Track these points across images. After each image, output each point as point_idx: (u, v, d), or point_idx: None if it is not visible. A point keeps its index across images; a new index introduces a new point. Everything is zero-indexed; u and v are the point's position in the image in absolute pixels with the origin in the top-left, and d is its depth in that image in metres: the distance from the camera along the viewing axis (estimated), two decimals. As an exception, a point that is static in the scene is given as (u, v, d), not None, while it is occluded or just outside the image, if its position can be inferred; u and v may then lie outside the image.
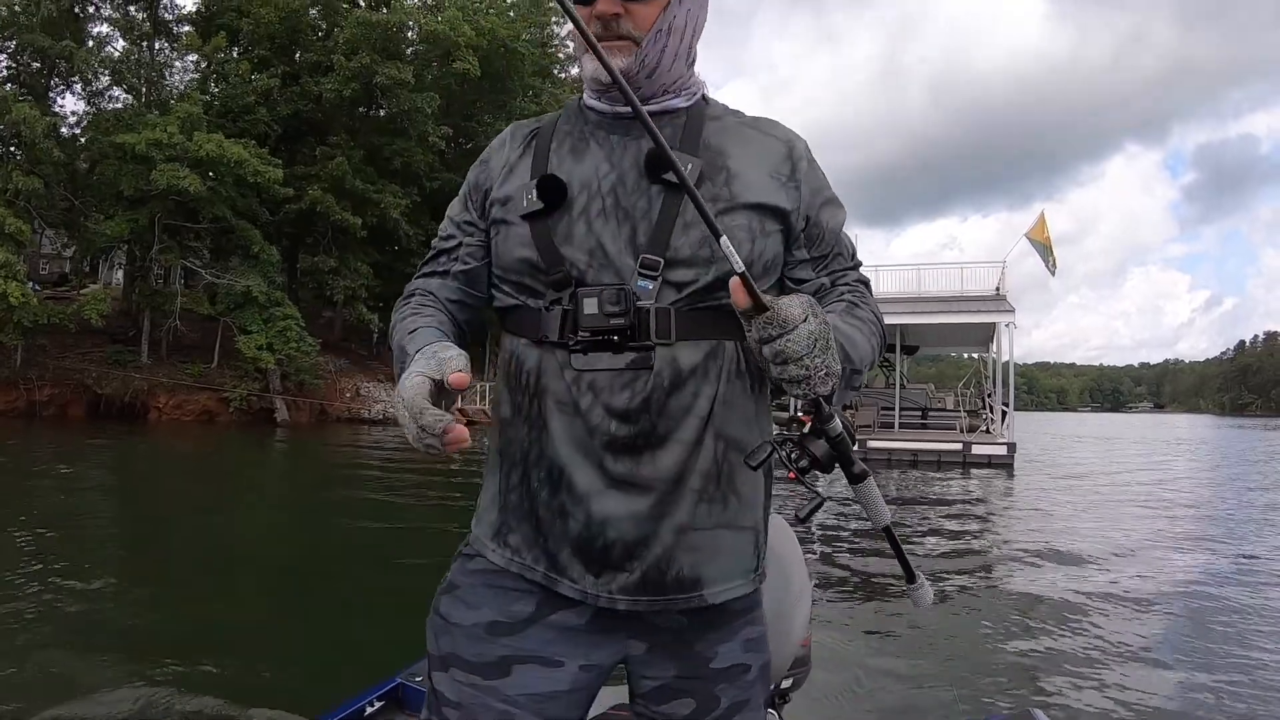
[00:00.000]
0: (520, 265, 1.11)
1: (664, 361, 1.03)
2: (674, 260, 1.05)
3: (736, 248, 0.94)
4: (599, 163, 1.11)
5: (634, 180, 1.09)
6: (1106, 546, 8.85)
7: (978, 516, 11.44)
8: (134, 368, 27.17)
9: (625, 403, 1.03)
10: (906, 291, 25.39)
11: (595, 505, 1.03)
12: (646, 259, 1.04)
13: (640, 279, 1.04)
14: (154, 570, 6.92)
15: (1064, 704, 4.13)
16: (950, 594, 6.59)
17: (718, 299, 1.05)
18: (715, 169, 1.10)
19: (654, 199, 1.07)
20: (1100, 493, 14.99)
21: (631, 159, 1.10)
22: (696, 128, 1.14)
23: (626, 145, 1.12)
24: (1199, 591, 6.78)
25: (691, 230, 1.05)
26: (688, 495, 1.05)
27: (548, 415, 1.07)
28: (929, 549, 8.73)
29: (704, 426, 1.05)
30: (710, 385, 1.06)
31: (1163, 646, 5.20)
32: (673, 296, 1.05)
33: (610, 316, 1.02)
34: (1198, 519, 11.38)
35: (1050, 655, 4.93)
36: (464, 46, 31.60)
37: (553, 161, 1.14)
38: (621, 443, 1.03)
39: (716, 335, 1.07)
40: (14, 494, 10.44)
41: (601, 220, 1.07)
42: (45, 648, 4.47)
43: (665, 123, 1.14)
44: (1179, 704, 4.19)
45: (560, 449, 1.06)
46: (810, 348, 0.86)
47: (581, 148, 1.14)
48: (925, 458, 20.22)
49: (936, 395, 28.63)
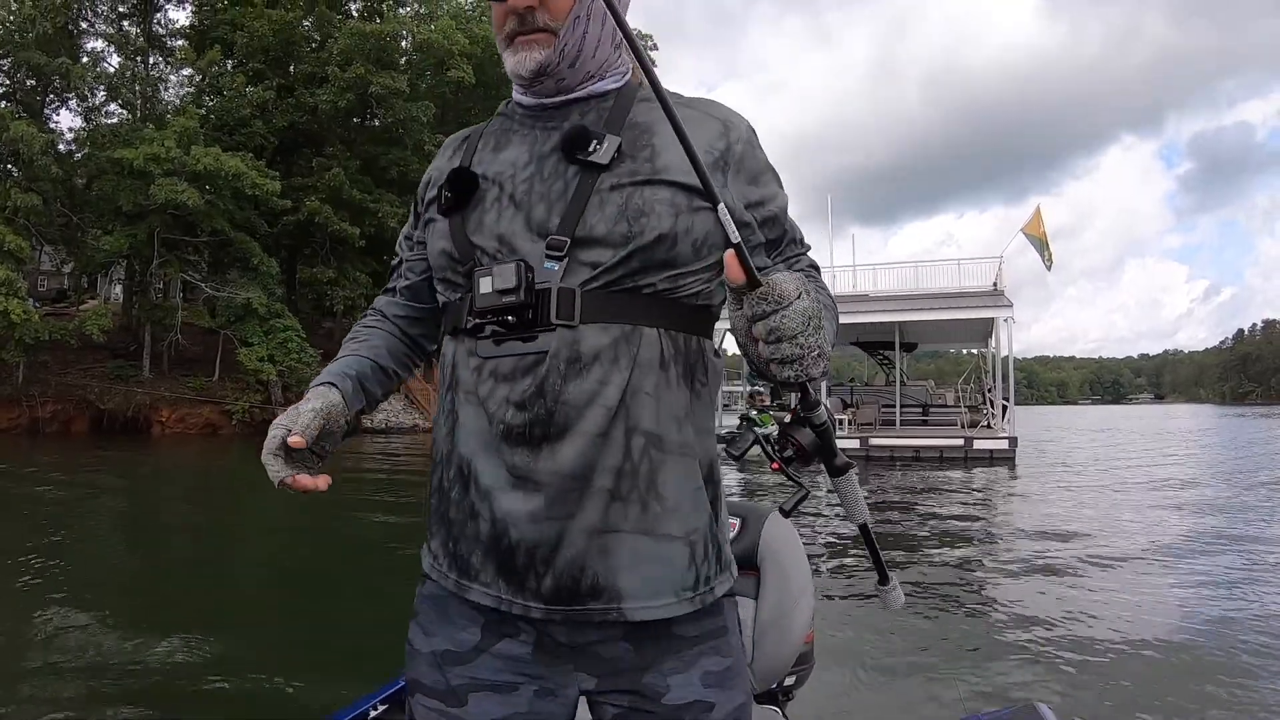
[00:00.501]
0: (441, 259, 1.09)
1: (562, 344, 0.97)
2: (585, 239, 0.99)
3: (656, 222, 0.97)
4: (519, 153, 1.08)
5: (552, 165, 1.04)
6: (1110, 539, 8.86)
7: (980, 511, 11.47)
8: (136, 382, 27.24)
9: (522, 391, 0.97)
10: (905, 289, 25.53)
11: (499, 503, 0.97)
12: (554, 239, 0.99)
13: (547, 260, 0.99)
14: (159, 579, 6.97)
15: (1068, 698, 4.13)
16: (953, 589, 6.61)
17: (636, 282, 0.99)
18: (638, 146, 1.04)
19: (570, 181, 1.02)
20: (1103, 485, 14.98)
21: (552, 145, 1.06)
22: (624, 107, 1.09)
23: (549, 134, 1.08)
24: (1204, 583, 6.77)
25: (608, 206, 0.99)
26: (596, 494, 0.96)
27: (459, 408, 1.03)
28: (932, 544, 8.75)
29: (611, 418, 0.96)
30: (620, 373, 0.97)
31: (1168, 639, 5.20)
32: (583, 276, 0.99)
33: (503, 294, 0.97)
34: (1202, 510, 11.34)
35: (1054, 650, 4.95)
36: (458, 55, 31.70)
37: (476, 160, 1.12)
38: (517, 433, 0.96)
39: (631, 320, 0.99)
40: (19, 509, 10.49)
41: (513, 208, 1.04)
42: (51, 658, 4.52)
43: (592, 107, 1.10)
44: (1184, 697, 4.18)
45: (468, 443, 1.01)
46: (804, 325, 0.83)
47: (504, 141, 1.12)
48: (927, 454, 20.25)
49: (937, 391, 28.71)
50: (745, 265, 0.82)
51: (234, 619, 5.58)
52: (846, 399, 25.42)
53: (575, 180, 1.02)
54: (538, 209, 1.02)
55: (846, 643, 4.97)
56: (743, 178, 1.08)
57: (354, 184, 31.15)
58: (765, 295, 0.83)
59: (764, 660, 1.74)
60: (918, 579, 6.88)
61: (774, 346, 0.83)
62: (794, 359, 0.84)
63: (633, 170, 1.01)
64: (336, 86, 30.30)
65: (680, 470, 1.00)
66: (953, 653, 4.92)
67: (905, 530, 9.62)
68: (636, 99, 1.10)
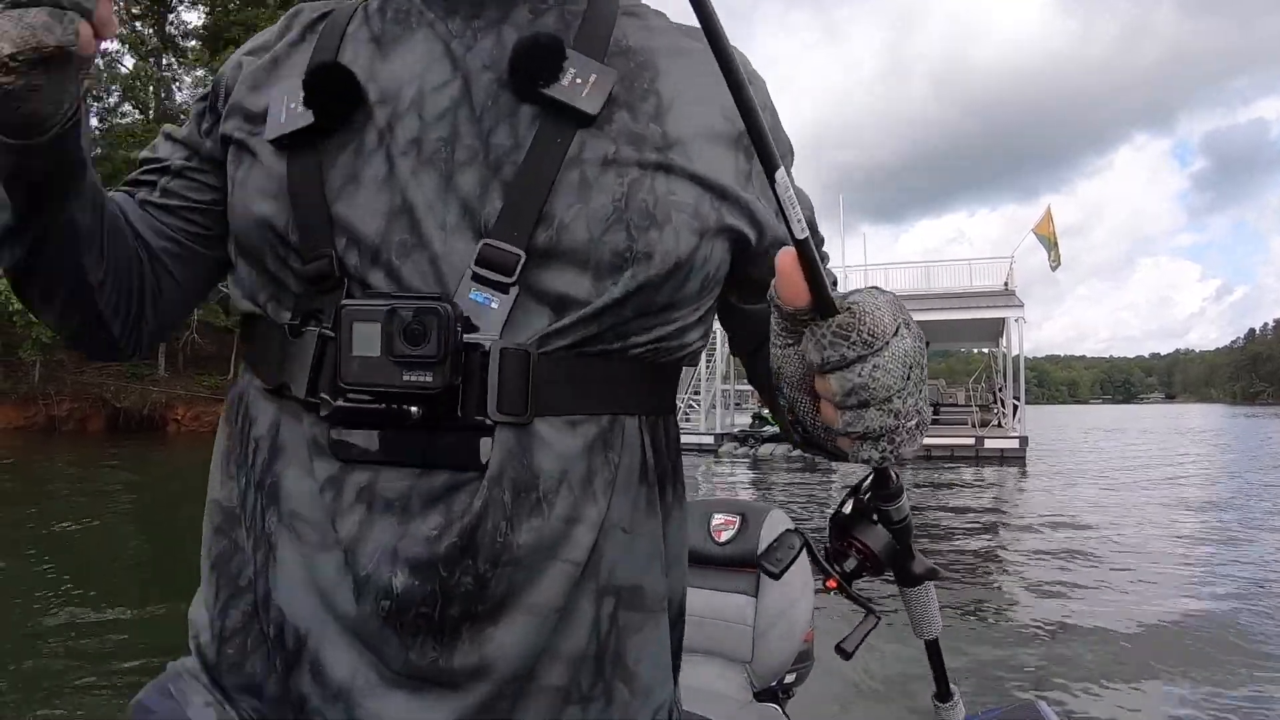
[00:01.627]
0: (259, 232, 0.64)
1: (508, 457, 0.59)
2: (552, 252, 0.60)
3: (672, 238, 0.62)
4: (429, 61, 0.66)
5: (489, 93, 0.64)
6: (1118, 539, 8.79)
7: (989, 510, 11.47)
8: (151, 381, 27.46)
9: (426, 541, 0.57)
10: (916, 288, 25.60)
11: (364, 709, 0.58)
12: (492, 249, 0.59)
13: (476, 288, 0.59)
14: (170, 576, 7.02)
15: (1069, 696, 4.11)
16: (958, 586, 6.61)
17: (624, 339, 0.63)
18: (635, 93, 0.66)
19: (523, 131, 0.62)
20: (1112, 485, 14.94)
21: (488, 57, 0.65)
22: (604, 18, 0.69)
23: (479, 34, 0.66)
24: (1212, 586, 6.68)
25: (596, 194, 0.61)
26: (542, 696, 0.61)
27: (275, 535, 0.61)
28: (937, 542, 8.74)
29: (578, 578, 0.61)
30: (595, 503, 0.62)
31: (1171, 640, 5.14)
32: (542, 325, 0.60)
33: (405, 365, 0.56)
34: (1212, 510, 11.29)
35: (1057, 648, 4.92)
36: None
37: (345, 52, 0.68)
38: (415, 617, 0.57)
39: (613, 405, 0.64)
40: (36, 504, 10.61)
41: (416, 161, 0.62)
42: (59, 660, 4.47)
43: (550, 5, 0.69)
44: (1187, 696, 4.14)
45: (298, 603, 0.60)
46: (905, 378, 0.51)
47: (398, 35, 0.68)
48: (938, 452, 20.28)
49: (948, 391, 28.83)
50: (815, 277, 0.50)
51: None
52: (857, 398, 25.48)
53: (533, 132, 0.62)
54: (464, 176, 0.61)
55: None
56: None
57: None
58: (847, 331, 0.50)
59: (764, 658, 1.73)
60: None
61: (856, 414, 0.51)
62: (884, 432, 0.51)
63: (634, 136, 0.64)
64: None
65: (655, 631, 0.68)
66: (954, 650, 4.87)
67: (920, 527, 9.62)
68: (620, 8, 0.72)
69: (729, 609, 1.75)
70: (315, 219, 0.62)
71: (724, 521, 1.85)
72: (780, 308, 0.53)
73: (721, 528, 1.84)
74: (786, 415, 0.60)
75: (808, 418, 0.58)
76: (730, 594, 1.76)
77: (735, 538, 1.81)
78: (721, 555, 1.81)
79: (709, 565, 1.82)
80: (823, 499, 12.63)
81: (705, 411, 25.30)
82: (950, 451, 20.33)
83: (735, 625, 1.74)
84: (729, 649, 1.75)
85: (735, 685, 1.70)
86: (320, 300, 0.61)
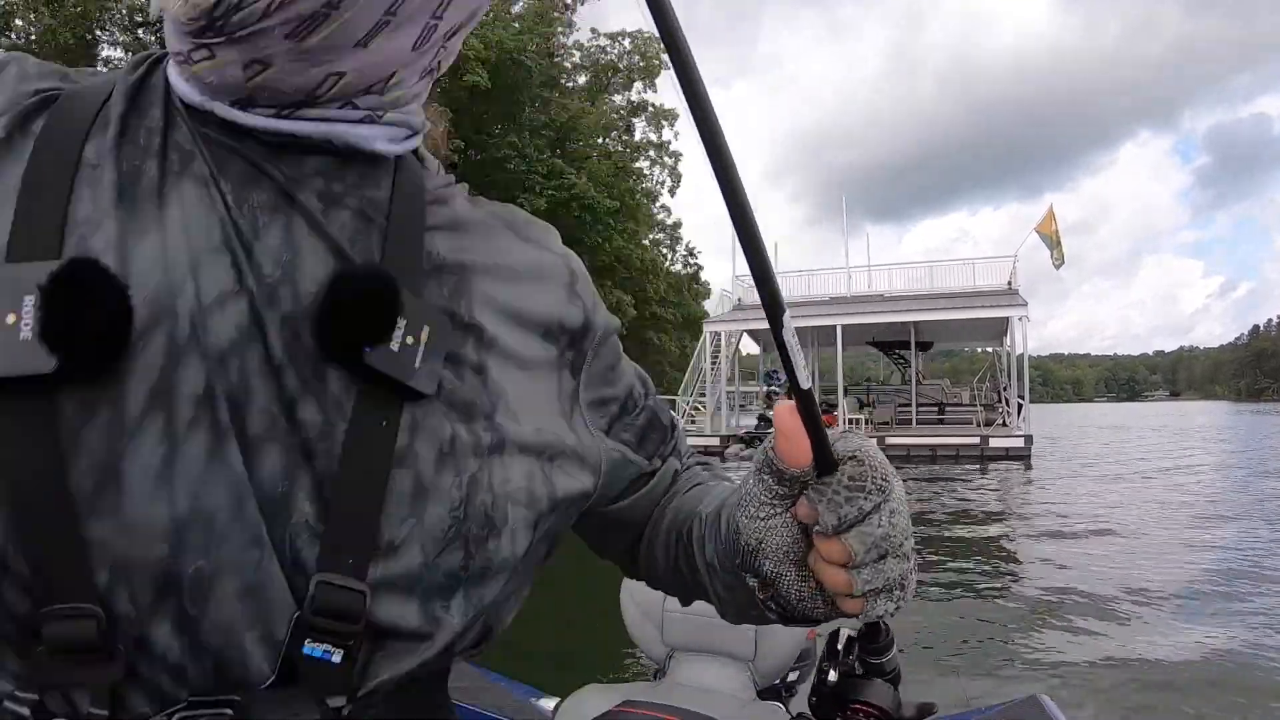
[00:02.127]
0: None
1: None
2: (378, 585, 0.44)
3: (509, 542, 0.50)
4: (205, 245, 0.45)
5: (286, 330, 0.45)
6: (1122, 536, 8.80)
7: (995, 508, 11.54)
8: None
9: None
10: (920, 288, 25.68)
11: None
12: (329, 588, 0.43)
13: (312, 643, 0.42)
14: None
15: (1071, 691, 4.11)
16: (962, 584, 6.66)
17: (453, 654, 0.51)
18: (457, 328, 0.51)
19: (333, 405, 0.45)
20: (1117, 482, 14.98)
21: (277, 262, 0.46)
22: (414, 219, 0.52)
23: (261, 217, 0.47)
24: (1214, 581, 6.69)
25: (432, 503, 0.46)
26: None
27: None
28: (941, 539, 8.77)
29: None
30: None
31: (1175, 634, 5.16)
32: (381, 675, 0.46)
33: None
34: (1216, 506, 11.30)
35: (1059, 644, 4.94)
36: (474, 60, 31.95)
37: (80, 201, 0.44)
38: None
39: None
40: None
41: (208, 436, 0.42)
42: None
43: (349, 177, 0.51)
44: (1190, 693, 4.12)
45: None
46: (909, 528, 0.48)
47: (157, 186, 0.46)
48: (943, 452, 20.33)
49: (952, 390, 28.82)
50: (818, 431, 0.46)
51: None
52: (863, 399, 25.57)
53: (349, 407, 0.45)
54: (264, 461, 0.43)
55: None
56: (604, 363, 0.61)
57: (370, 190, 31.53)
58: (862, 481, 0.46)
59: (766, 656, 1.74)
60: (922, 575, 6.92)
61: (875, 569, 0.46)
62: (896, 583, 0.47)
63: (465, 406, 0.49)
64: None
65: None
66: (956, 646, 4.94)
67: (916, 528, 9.68)
68: (428, 195, 0.55)
69: None
70: (56, 541, 0.39)
71: None
72: (781, 472, 0.48)
73: None
74: (759, 595, 0.53)
75: (793, 591, 0.51)
76: None
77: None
78: None
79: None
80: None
81: (711, 414, 25.37)
82: (955, 451, 20.38)
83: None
84: (731, 648, 1.75)
85: (738, 684, 1.71)
86: (75, 673, 0.40)
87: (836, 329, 23.07)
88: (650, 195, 47.09)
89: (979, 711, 1.93)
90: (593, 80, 44.19)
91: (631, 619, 1.90)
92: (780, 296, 0.43)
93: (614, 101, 45.39)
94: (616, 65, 44.25)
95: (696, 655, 1.78)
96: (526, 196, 33.14)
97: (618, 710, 1.55)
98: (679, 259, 52.63)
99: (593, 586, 5.78)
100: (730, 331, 25.95)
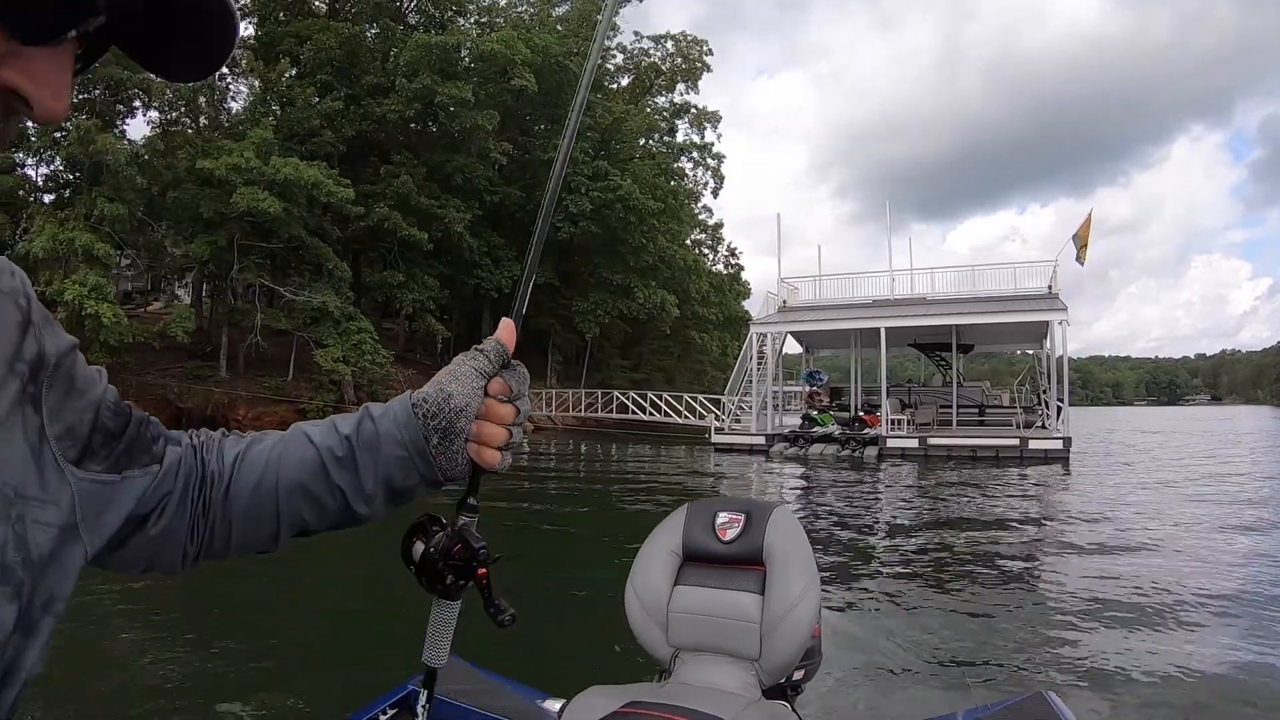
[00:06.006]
0: None
1: None
2: None
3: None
4: None
5: None
6: (1153, 540, 8.76)
7: (1031, 509, 11.75)
8: (214, 382, 28.49)
9: None
10: (961, 291, 25.93)
11: None
12: None
13: None
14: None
15: (1078, 688, 4.10)
16: (977, 583, 6.75)
17: None
18: None
19: None
20: (1155, 487, 14.98)
21: None
22: None
23: None
24: (1247, 591, 6.49)
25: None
26: None
27: None
28: (981, 540, 8.90)
29: None
30: None
31: (1179, 632, 5.18)
32: None
33: None
34: (1254, 513, 11.12)
35: (1067, 643, 4.96)
36: (520, 64, 32.65)
37: None
38: None
39: None
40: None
41: None
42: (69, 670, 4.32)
43: None
44: (1192, 691, 4.14)
45: None
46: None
47: None
48: (983, 453, 20.59)
49: (992, 392, 29.04)
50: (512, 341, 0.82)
51: (238, 616, 5.56)
52: (905, 400, 25.89)
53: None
54: None
55: (854, 636, 4.96)
56: (63, 388, 0.60)
57: (420, 190, 32.33)
58: (526, 375, 0.82)
59: (772, 655, 1.73)
60: (940, 571, 7.11)
61: (519, 430, 0.80)
62: (519, 446, 0.80)
63: None
64: (404, 96, 31.64)
65: None
66: (961, 644, 4.96)
67: (948, 524, 9.97)
68: None
69: (735, 607, 1.77)
70: None
71: (729, 520, 1.87)
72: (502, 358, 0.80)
73: (726, 526, 1.86)
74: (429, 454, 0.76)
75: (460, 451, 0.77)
76: (736, 592, 1.79)
77: (740, 535, 1.84)
78: (727, 553, 1.84)
79: (714, 563, 1.85)
80: (870, 497, 13.16)
81: (756, 413, 25.77)
82: (995, 452, 20.65)
83: (742, 623, 1.75)
84: (736, 647, 1.75)
85: (744, 683, 1.71)
86: None
87: (880, 331, 23.39)
88: (693, 196, 47.59)
89: (986, 708, 1.94)
90: (636, 82, 44.84)
91: (635, 619, 1.87)
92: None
93: (657, 103, 45.93)
94: (659, 67, 44.83)
95: (702, 655, 1.78)
96: (572, 198, 33.81)
97: (623, 711, 1.54)
98: (720, 259, 53.10)
99: (594, 587, 6.10)
100: (775, 333, 26.46)
